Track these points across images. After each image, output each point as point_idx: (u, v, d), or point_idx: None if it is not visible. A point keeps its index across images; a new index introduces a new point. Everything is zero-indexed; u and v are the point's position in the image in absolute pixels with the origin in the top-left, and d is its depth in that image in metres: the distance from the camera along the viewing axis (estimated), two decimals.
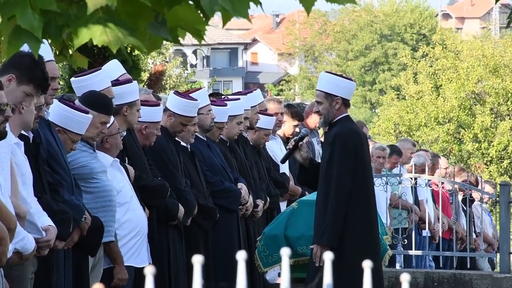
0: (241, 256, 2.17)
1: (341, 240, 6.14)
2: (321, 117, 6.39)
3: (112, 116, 5.87)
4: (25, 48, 2.60)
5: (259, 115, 8.21)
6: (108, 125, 5.81)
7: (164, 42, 2.70)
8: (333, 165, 6.17)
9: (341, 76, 6.56)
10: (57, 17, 2.42)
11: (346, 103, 6.34)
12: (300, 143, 6.48)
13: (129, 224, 5.93)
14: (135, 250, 5.98)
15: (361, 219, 6.20)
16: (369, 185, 6.33)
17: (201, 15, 2.62)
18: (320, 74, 6.61)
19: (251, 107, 8.08)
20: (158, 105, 6.62)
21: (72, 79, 6.15)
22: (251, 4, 2.62)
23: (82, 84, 5.99)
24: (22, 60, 4.77)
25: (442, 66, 29.59)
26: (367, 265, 2.28)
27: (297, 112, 9.24)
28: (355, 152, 6.21)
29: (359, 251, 6.10)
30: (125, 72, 6.74)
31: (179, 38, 2.58)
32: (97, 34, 2.33)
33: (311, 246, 6.27)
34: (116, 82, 6.28)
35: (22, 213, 4.54)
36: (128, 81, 6.39)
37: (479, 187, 10.52)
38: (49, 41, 2.57)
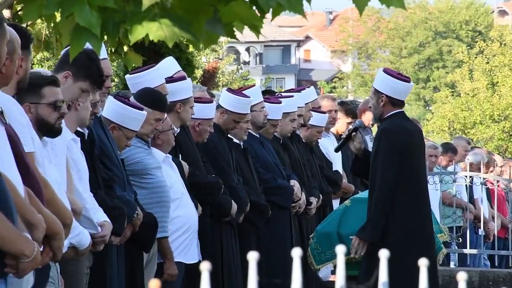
0: (296, 253, 2.17)
1: (387, 236, 6.13)
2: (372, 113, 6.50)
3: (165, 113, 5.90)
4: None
5: (312, 112, 8.20)
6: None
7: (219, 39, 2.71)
8: (378, 161, 6.19)
9: (397, 74, 6.53)
10: (114, 14, 2.44)
11: (393, 101, 6.33)
12: (354, 133, 6.53)
13: (179, 220, 5.94)
14: (184, 246, 6.00)
15: (409, 215, 6.16)
16: (419, 182, 6.27)
17: (257, 11, 2.63)
18: (377, 70, 6.65)
19: (305, 104, 8.07)
20: (211, 102, 6.65)
21: (127, 76, 6.20)
22: (304, 2, 2.62)
23: (136, 81, 6.03)
24: (77, 56, 4.81)
25: (499, 63, 29.19)
26: (423, 263, 2.26)
27: (351, 109, 9.21)
28: (400, 149, 6.18)
29: (406, 248, 6.07)
30: (180, 69, 6.77)
31: (236, 32, 2.58)
32: (153, 30, 2.35)
33: (351, 237, 6.30)
34: (170, 79, 6.32)
35: (78, 209, 4.59)
36: (182, 78, 6.42)
37: None
38: (105, 38, 2.59)
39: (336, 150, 7.05)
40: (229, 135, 7.01)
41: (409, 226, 6.17)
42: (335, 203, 8.42)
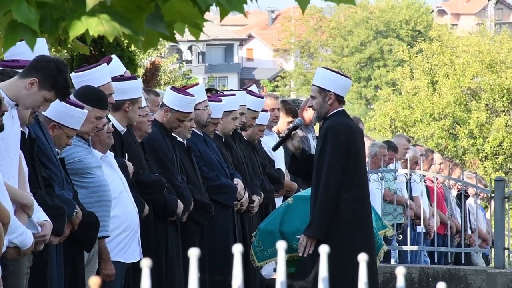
0: (237, 249, 2.18)
1: (333, 233, 6.17)
2: (314, 112, 6.44)
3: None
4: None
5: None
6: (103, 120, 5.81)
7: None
8: (325, 157, 6.20)
9: (337, 72, 6.57)
10: (53, 11, 2.42)
11: (339, 99, 6.36)
12: (293, 132, 6.52)
13: (117, 219, 5.88)
14: (123, 246, 5.94)
15: (353, 212, 6.22)
16: (363, 179, 6.34)
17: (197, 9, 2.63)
18: (316, 69, 6.64)
19: (247, 108, 8.07)
20: (135, 78, 6.48)
21: (72, 74, 6.13)
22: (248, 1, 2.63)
23: (82, 79, 5.98)
24: (46, 65, 4.79)
25: (438, 62, 29.59)
26: (362, 258, 2.29)
27: (291, 108, 9.26)
28: (347, 145, 6.23)
29: (352, 244, 6.12)
30: (126, 70, 6.72)
31: (177, 35, 2.58)
32: (92, 25, 2.34)
33: (298, 236, 6.30)
34: (120, 78, 6.27)
35: (29, 202, 4.58)
36: (132, 78, 6.39)
37: (475, 183, 10.54)
38: (45, 35, 2.57)
39: (274, 149, 6.98)
40: (173, 134, 7.00)
41: (352, 219, 6.22)
42: (278, 201, 8.46)
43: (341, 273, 5.91)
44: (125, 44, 12.75)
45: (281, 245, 2.33)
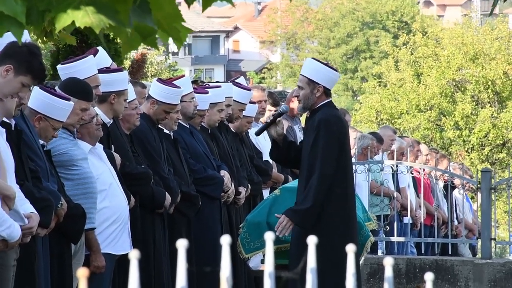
0: (225, 240, 2.18)
1: (325, 227, 6.18)
2: (300, 103, 6.43)
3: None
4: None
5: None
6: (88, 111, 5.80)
7: None
8: (318, 148, 6.19)
9: (326, 65, 6.56)
10: (39, 3, 2.42)
11: (327, 92, 6.36)
12: (278, 118, 6.49)
13: (106, 211, 5.89)
14: (113, 238, 5.95)
15: (343, 203, 6.23)
16: (350, 173, 6.36)
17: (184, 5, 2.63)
18: (306, 60, 6.62)
19: (234, 100, 8.07)
20: (121, 70, 6.45)
21: (59, 66, 6.11)
22: None
23: (69, 71, 5.96)
24: (19, 50, 4.77)
25: (423, 54, 29.63)
26: (350, 249, 2.29)
27: (277, 100, 9.28)
28: (338, 138, 6.24)
29: (344, 239, 6.13)
30: (112, 61, 6.71)
31: (161, 42, 2.58)
32: (79, 17, 2.33)
33: (277, 215, 6.28)
34: (106, 70, 6.25)
35: (12, 194, 4.56)
36: (118, 70, 6.37)
37: (461, 174, 10.58)
38: (31, 27, 2.56)
39: (257, 133, 6.91)
40: (159, 126, 7.00)
41: (343, 213, 6.24)
42: (265, 193, 8.47)
43: (334, 267, 5.92)
44: (111, 36, 12.72)
45: (269, 236, 2.33)
